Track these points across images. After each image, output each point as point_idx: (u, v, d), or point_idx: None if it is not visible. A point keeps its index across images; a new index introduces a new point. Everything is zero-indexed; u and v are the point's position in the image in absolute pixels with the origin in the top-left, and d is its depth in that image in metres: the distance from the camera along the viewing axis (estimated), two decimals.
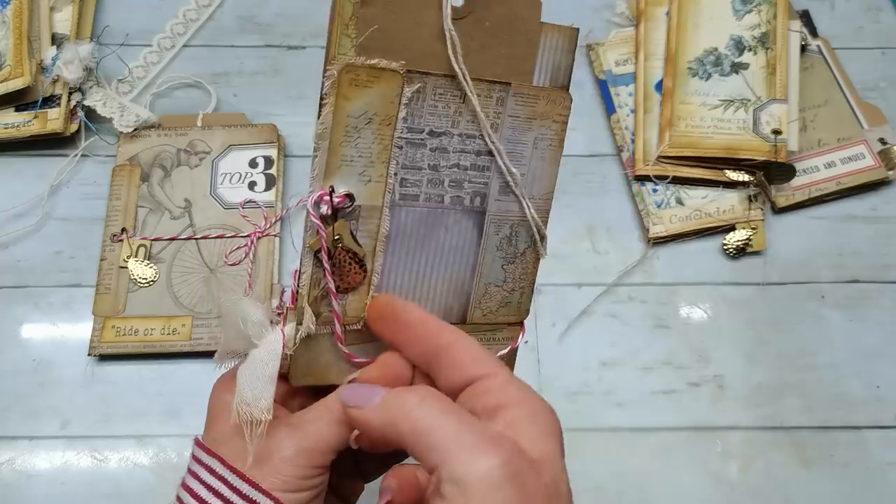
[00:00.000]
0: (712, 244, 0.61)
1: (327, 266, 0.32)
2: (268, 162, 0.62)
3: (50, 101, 0.62)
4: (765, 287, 0.60)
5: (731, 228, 0.61)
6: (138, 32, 0.68)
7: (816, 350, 0.57)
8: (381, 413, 0.29)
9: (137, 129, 0.62)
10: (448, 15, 0.31)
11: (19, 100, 0.62)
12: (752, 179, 0.61)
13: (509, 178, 0.34)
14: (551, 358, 0.57)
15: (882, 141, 0.63)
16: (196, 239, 0.59)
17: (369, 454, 0.35)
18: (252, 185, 0.61)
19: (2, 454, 0.53)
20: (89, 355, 0.55)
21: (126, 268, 0.57)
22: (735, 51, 0.64)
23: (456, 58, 0.31)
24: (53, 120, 0.62)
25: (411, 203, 0.33)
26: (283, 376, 0.34)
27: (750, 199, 0.61)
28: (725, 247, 0.60)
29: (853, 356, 0.57)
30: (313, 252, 0.32)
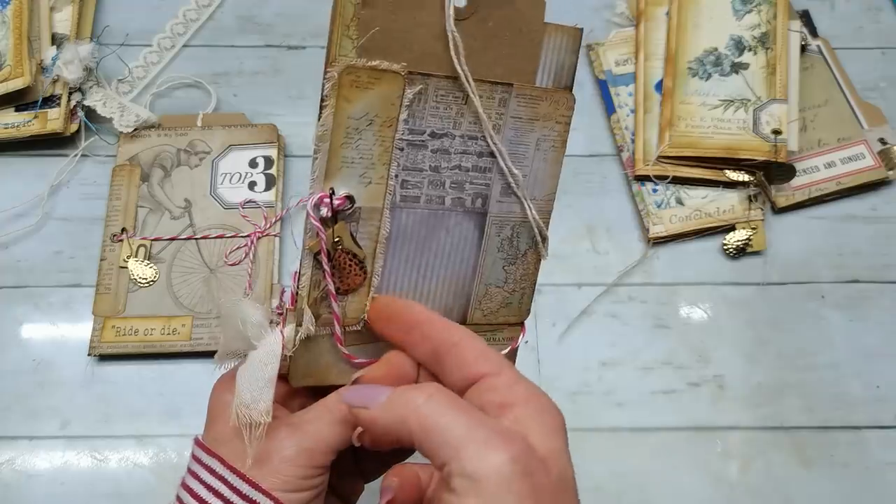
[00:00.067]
0: (712, 244, 0.61)
1: (327, 268, 0.32)
2: (268, 162, 0.61)
3: (50, 101, 0.62)
4: (765, 287, 0.60)
5: (731, 228, 0.61)
6: (138, 32, 0.68)
7: (816, 350, 0.58)
8: (388, 411, 0.29)
9: (137, 129, 0.62)
10: (450, 16, 0.30)
11: (19, 100, 0.62)
12: (752, 179, 0.61)
13: (511, 180, 0.34)
14: (551, 358, 0.57)
15: (882, 141, 0.63)
16: (196, 239, 0.59)
17: (370, 453, 0.35)
18: (252, 185, 0.61)
19: (2, 454, 0.53)
20: (89, 355, 0.55)
21: (126, 268, 0.57)
22: (735, 51, 0.64)
23: (458, 59, 0.31)
24: (53, 120, 0.62)
25: (412, 205, 0.33)
26: (283, 377, 0.34)
27: (750, 199, 0.61)
28: (725, 247, 0.60)
29: (853, 356, 0.57)
30: (313, 254, 0.32)
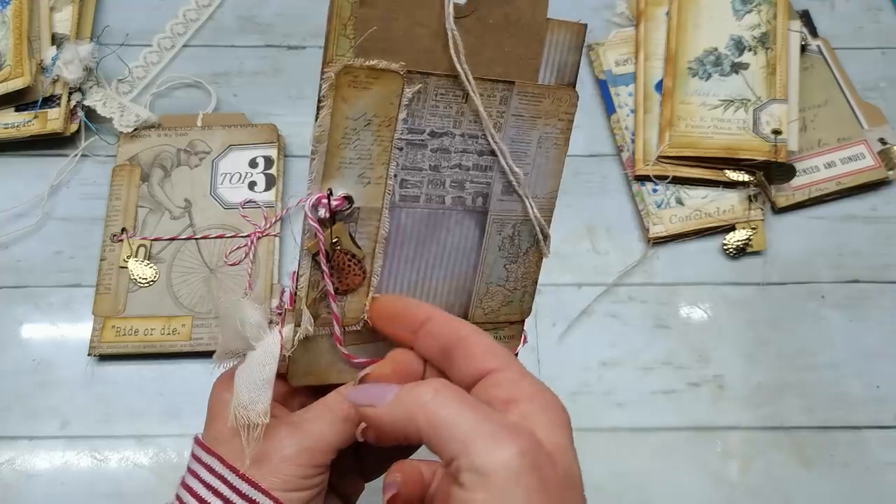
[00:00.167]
0: (712, 244, 0.61)
1: (325, 269, 0.32)
2: (268, 162, 0.61)
3: (50, 101, 0.62)
4: (765, 287, 0.60)
5: (731, 228, 0.61)
6: (138, 32, 0.68)
7: (816, 350, 0.57)
8: (396, 409, 0.29)
9: (137, 129, 0.62)
10: (450, 14, 0.30)
11: (19, 100, 0.62)
12: (752, 179, 0.61)
13: (512, 178, 0.34)
14: (551, 358, 0.57)
15: (882, 141, 0.63)
16: (196, 239, 0.59)
17: (370, 452, 0.35)
18: (252, 185, 0.61)
19: (2, 454, 0.53)
20: (89, 355, 0.55)
21: (126, 268, 0.57)
22: (735, 51, 0.64)
23: (458, 57, 0.31)
24: (53, 120, 0.62)
25: (411, 204, 0.33)
26: (283, 376, 0.34)
27: (750, 199, 0.61)
28: (725, 247, 0.60)
29: (853, 356, 0.57)
30: (311, 255, 0.32)
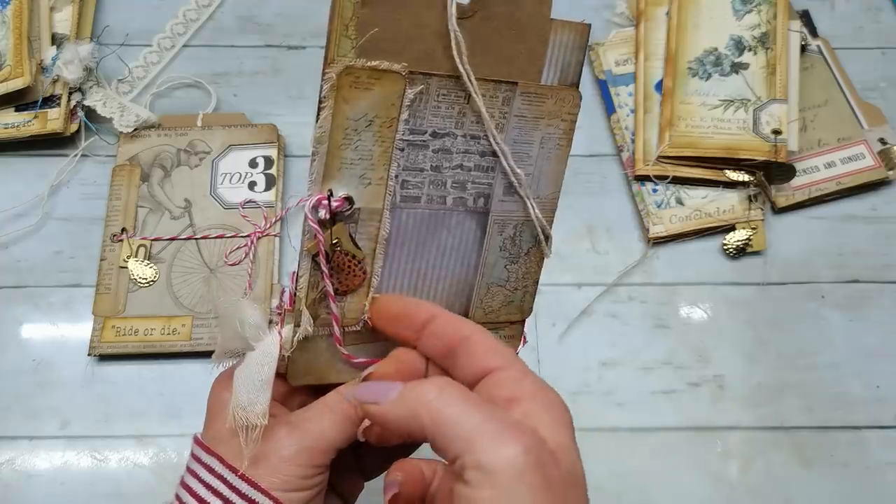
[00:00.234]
0: (712, 244, 0.61)
1: (325, 269, 0.32)
2: (268, 162, 0.61)
3: (50, 101, 0.62)
4: (765, 287, 0.60)
5: (731, 228, 0.61)
6: (138, 32, 0.68)
7: (816, 350, 0.57)
8: (400, 407, 0.29)
9: (137, 129, 0.62)
10: (453, 14, 0.30)
11: (19, 100, 0.62)
12: (752, 179, 0.61)
13: (514, 179, 0.34)
14: (551, 358, 0.57)
15: (882, 141, 0.63)
16: (196, 239, 0.59)
17: (370, 451, 0.35)
18: (252, 185, 0.61)
19: (2, 454, 0.53)
20: (89, 355, 0.55)
21: (126, 268, 0.57)
22: (735, 51, 0.64)
23: (460, 58, 0.30)
24: (53, 120, 0.62)
25: (412, 205, 0.33)
26: (283, 376, 0.33)
27: (750, 199, 0.61)
28: (725, 247, 0.60)
29: (853, 356, 0.57)
30: (311, 255, 0.32)
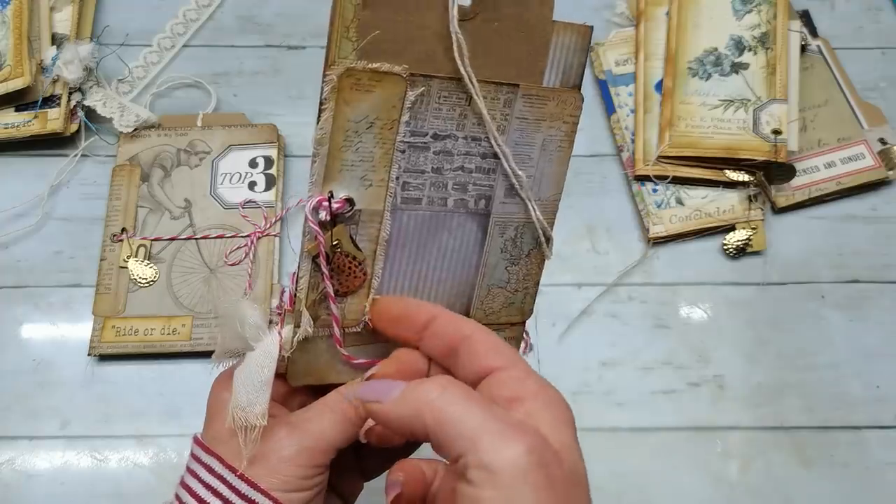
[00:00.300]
0: (712, 244, 0.61)
1: (325, 271, 0.32)
2: (268, 162, 0.61)
3: (50, 101, 0.62)
4: (765, 287, 0.60)
5: (731, 228, 0.61)
6: (138, 32, 0.68)
7: (816, 350, 0.57)
8: (402, 406, 0.29)
9: (137, 129, 0.62)
10: (454, 17, 0.30)
11: (19, 100, 0.62)
12: (752, 179, 0.61)
13: (515, 181, 0.34)
14: (551, 358, 0.57)
15: (882, 141, 0.63)
16: (196, 239, 0.59)
17: (371, 451, 0.35)
18: (252, 185, 0.61)
19: (2, 454, 0.53)
20: (89, 355, 0.55)
21: (126, 268, 0.57)
22: (735, 51, 0.64)
23: (462, 60, 0.30)
24: (53, 120, 0.62)
25: (413, 206, 0.33)
26: (282, 376, 0.33)
27: (750, 199, 0.61)
28: (725, 247, 0.60)
29: (853, 356, 0.57)
30: (311, 257, 0.32)
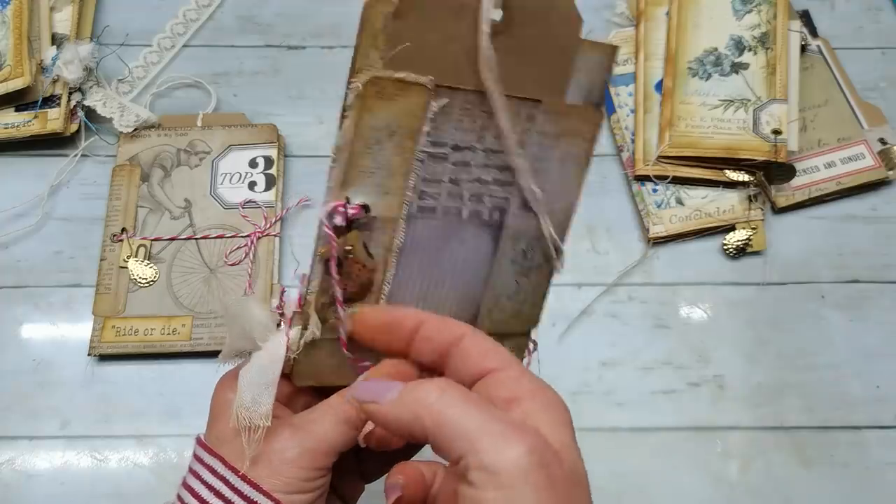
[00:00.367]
0: (712, 244, 0.61)
1: (336, 275, 0.32)
2: (268, 162, 0.61)
3: (50, 101, 0.62)
4: (765, 287, 0.60)
5: (731, 228, 0.61)
6: (138, 32, 0.68)
7: (816, 350, 0.57)
8: (401, 407, 0.28)
9: (137, 129, 0.62)
10: (485, 32, 0.29)
11: (19, 100, 0.62)
12: (752, 179, 0.61)
13: (529, 196, 0.34)
14: (551, 358, 0.56)
15: (882, 141, 0.63)
16: (196, 239, 0.59)
17: (372, 454, 0.35)
18: (252, 185, 0.61)
19: (2, 454, 0.53)
20: (89, 355, 0.55)
21: (126, 268, 0.57)
22: (735, 51, 0.64)
23: (490, 76, 0.30)
24: (53, 120, 0.62)
25: (428, 216, 0.33)
26: (287, 376, 0.34)
27: (750, 199, 0.61)
28: (725, 247, 0.60)
29: (853, 356, 0.57)
30: (324, 261, 0.32)
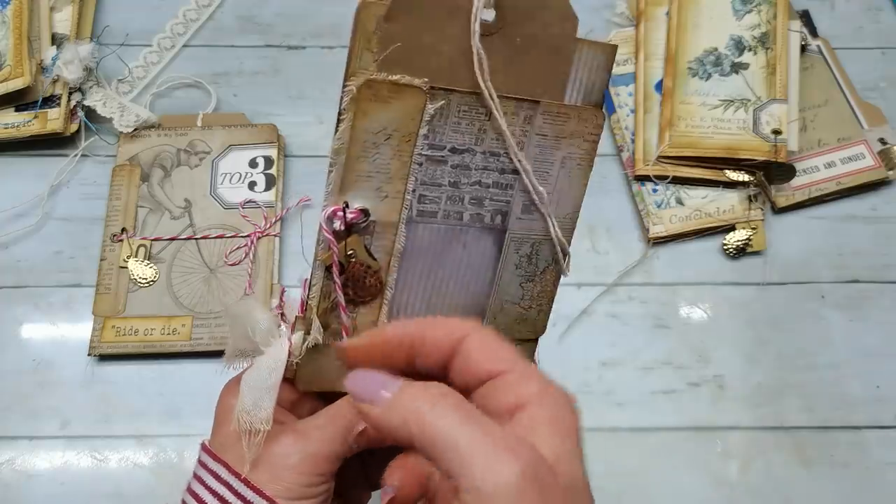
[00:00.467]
0: (712, 244, 0.61)
1: (338, 280, 0.32)
2: (268, 162, 0.61)
3: (50, 101, 0.62)
4: (765, 287, 0.60)
5: (731, 228, 0.61)
6: (138, 32, 0.68)
7: (816, 350, 0.57)
8: (393, 414, 0.28)
9: (137, 129, 0.62)
10: (476, 31, 0.29)
11: (19, 100, 0.62)
12: (752, 179, 0.61)
13: (535, 197, 0.33)
14: (551, 358, 0.56)
15: (882, 141, 0.63)
16: (196, 239, 0.59)
17: (377, 460, 0.35)
18: (252, 185, 0.61)
19: (2, 454, 0.53)
20: (89, 355, 0.55)
21: (126, 268, 0.57)
22: (735, 51, 0.64)
23: (482, 75, 0.30)
24: (53, 120, 0.62)
25: (429, 219, 0.33)
26: (291, 381, 0.33)
27: (750, 199, 0.61)
28: (725, 247, 0.60)
29: (853, 356, 0.57)
30: (325, 266, 0.32)
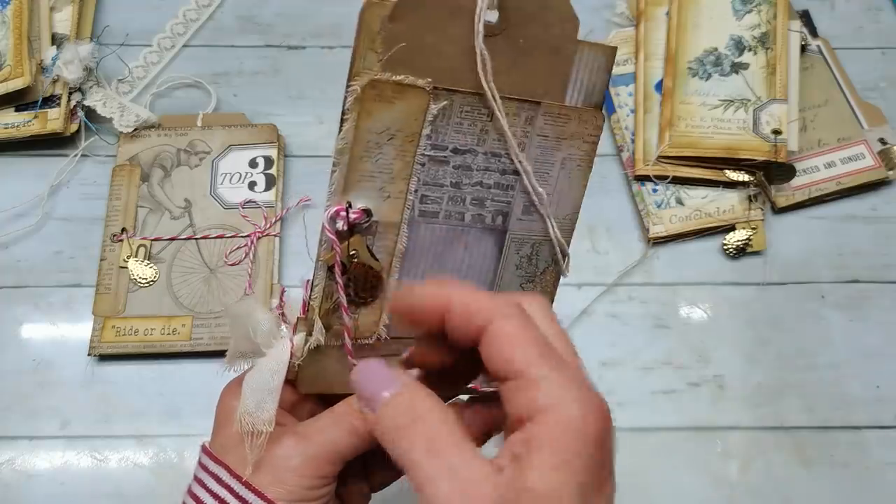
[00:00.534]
0: (712, 244, 0.61)
1: (340, 281, 0.32)
2: (268, 162, 0.61)
3: (50, 101, 0.62)
4: (765, 287, 0.60)
5: (731, 228, 0.61)
6: (138, 32, 0.68)
7: (816, 350, 0.57)
8: (377, 424, 0.27)
9: (137, 129, 0.62)
10: (480, 32, 0.30)
11: (19, 100, 0.62)
12: (752, 179, 0.61)
13: (535, 198, 0.34)
14: None
15: (882, 141, 0.63)
16: (196, 239, 0.59)
17: (379, 462, 0.35)
18: (252, 185, 0.61)
19: (2, 454, 0.53)
20: (89, 355, 0.55)
21: (126, 268, 0.57)
22: (735, 51, 0.64)
23: (485, 76, 0.30)
24: (53, 120, 0.62)
25: (430, 220, 0.33)
26: (293, 383, 0.33)
27: (750, 199, 0.61)
28: (725, 247, 0.60)
29: (853, 356, 0.57)
30: (327, 266, 0.32)
